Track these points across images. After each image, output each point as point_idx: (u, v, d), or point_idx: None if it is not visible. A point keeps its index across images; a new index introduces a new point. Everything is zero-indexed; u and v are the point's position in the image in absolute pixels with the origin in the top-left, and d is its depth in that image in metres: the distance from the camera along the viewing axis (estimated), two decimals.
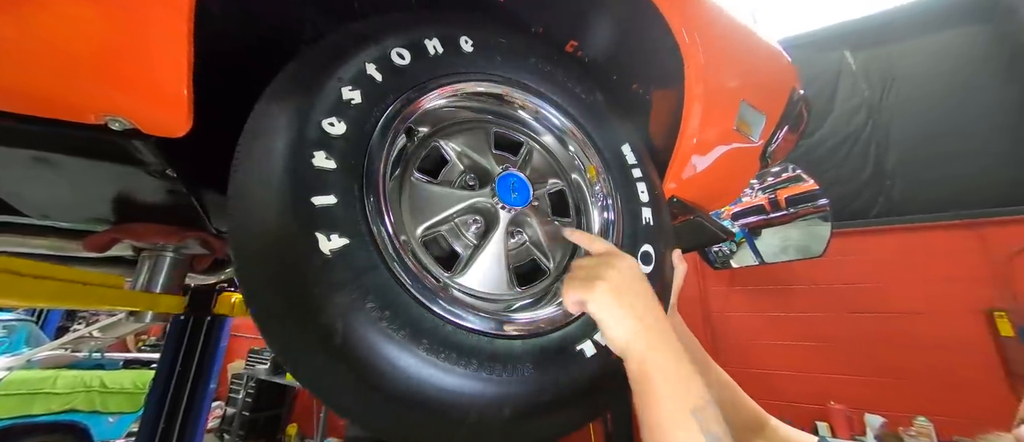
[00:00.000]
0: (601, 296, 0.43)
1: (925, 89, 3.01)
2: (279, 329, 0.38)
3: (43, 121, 0.43)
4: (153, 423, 2.09)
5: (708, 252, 3.15)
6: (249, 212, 0.39)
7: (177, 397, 2.17)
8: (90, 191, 0.59)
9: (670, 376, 0.42)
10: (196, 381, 2.24)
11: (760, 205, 3.05)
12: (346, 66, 0.46)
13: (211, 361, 2.32)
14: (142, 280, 0.67)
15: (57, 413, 3.08)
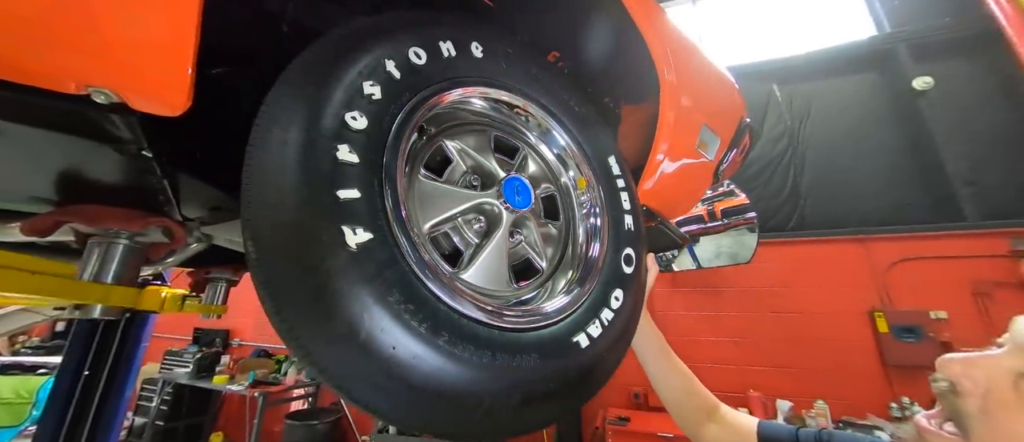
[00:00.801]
0: None
1: (833, 124, 3.54)
2: (301, 321, 0.37)
3: (6, 85, 0.38)
4: (51, 438, 1.79)
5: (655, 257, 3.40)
6: (270, 202, 0.38)
7: (83, 406, 1.87)
8: (36, 168, 0.52)
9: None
10: (108, 388, 1.95)
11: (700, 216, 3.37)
12: (366, 60, 0.46)
13: (128, 365, 2.03)
14: (91, 269, 0.59)
15: None
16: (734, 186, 3.16)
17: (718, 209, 3.27)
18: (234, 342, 4.93)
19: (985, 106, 3.16)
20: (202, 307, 1.41)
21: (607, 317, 0.57)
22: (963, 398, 0.42)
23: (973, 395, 0.41)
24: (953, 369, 0.43)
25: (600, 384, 0.57)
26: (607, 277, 0.61)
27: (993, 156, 3.04)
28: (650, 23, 0.81)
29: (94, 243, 0.61)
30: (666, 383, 0.86)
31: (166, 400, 4.21)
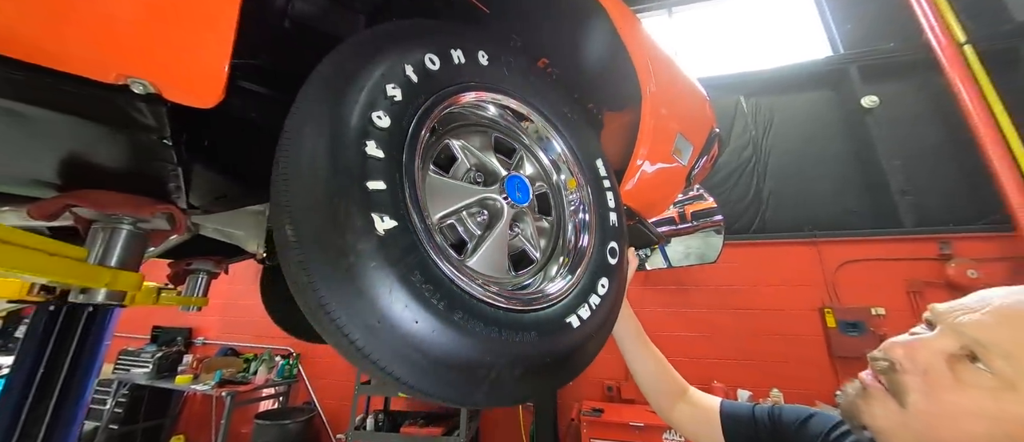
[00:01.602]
0: None
1: (792, 135, 3.82)
2: (335, 298, 0.42)
3: (43, 72, 0.40)
4: (3, 439, 1.66)
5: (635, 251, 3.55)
6: (307, 191, 0.42)
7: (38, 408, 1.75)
8: (50, 151, 0.53)
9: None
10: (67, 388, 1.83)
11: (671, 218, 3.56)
12: (389, 65, 0.51)
13: (90, 363, 1.91)
14: (96, 253, 0.60)
15: None
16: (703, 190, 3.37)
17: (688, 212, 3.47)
18: (197, 340, 4.70)
19: (921, 124, 3.52)
20: (182, 299, 1.38)
21: (595, 302, 0.64)
22: (903, 375, 0.46)
23: (913, 374, 0.45)
24: (896, 352, 0.47)
25: (587, 361, 0.64)
26: (594, 267, 0.68)
27: (926, 169, 3.39)
28: (634, 37, 0.89)
29: (98, 228, 0.62)
30: (641, 365, 0.94)
31: (121, 403, 3.96)
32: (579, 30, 0.89)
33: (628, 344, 0.95)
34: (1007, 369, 0.39)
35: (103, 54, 0.40)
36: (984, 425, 0.40)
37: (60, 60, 0.39)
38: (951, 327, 0.45)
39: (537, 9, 0.90)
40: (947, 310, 0.46)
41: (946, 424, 0.42)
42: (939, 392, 0.42)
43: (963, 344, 0.43)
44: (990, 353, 0.40)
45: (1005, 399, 0.39)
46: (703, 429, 0.84)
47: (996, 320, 0.42)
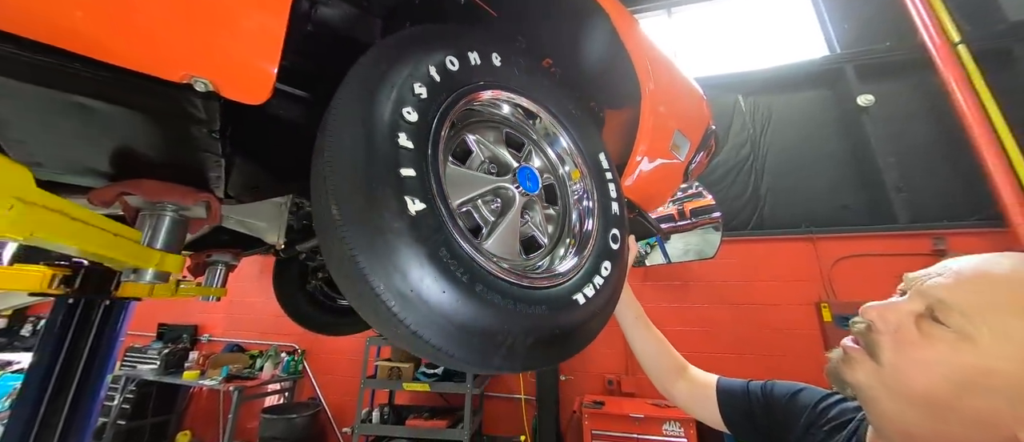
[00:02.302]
0: None
1: (789, 133, 3.88)
2: (375, 269, 0.47)
3: (117, 71, 0.46)
4: (24, 430, 1.72)
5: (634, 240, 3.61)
6: (349, 177, 0.48)
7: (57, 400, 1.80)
8: (110, 142, 0.59)
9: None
10: (84, 380, 1.88)
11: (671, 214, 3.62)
12: (413, 65, 0.57)
13: (106, 356, 1.97)
14: (146, 237, 0.66)
15: None
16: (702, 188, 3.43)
17: (687, 209, 3.53)
18: (203, 338, 4.76)
19: (916, 122, 3.58)
20: (202, 290, 1.44)
21: (598, 282, 0.70)
22: (877, 335, 0.50)
23: (886, 333, 0.50)
24: (871, 314, 0.52)
25: (591, 337, 0.70)
26: (598, 251, 0.74)
27: (920, 166, 3.45)
28: (634, 39, 0.95)
29: (145, 215, 0.68)
30: (643, 345, 0.99)
31: (129, 398, 4.03)
32: (580, 32, 0.94)
33: (630, 325, 1.01)
34: (964, 324, 0.44)
35: (174, 56, 0.46)
36: (945, 371, 0.44)
37: (137, 61, 0.45)
38: (918, 291, 0.50)
39: (541, 12, 0.95)
40: (916, 277, 0.52)
41: (914, 373, 0.46)
42: (907, 347, 0.47)
43: (928, 305, 0.47)
44: (950, 311, 0.45)
45: (962, 350, 0.43)
46: (701, 404, 0.90)
47: (955, 282, 0.47)
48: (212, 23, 0.45)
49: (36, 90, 0.48)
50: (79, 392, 1.88)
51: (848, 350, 0.54)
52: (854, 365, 0.52)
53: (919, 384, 0.46)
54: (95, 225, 0.52)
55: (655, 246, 3.54)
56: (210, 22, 0.45)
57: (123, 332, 2.11)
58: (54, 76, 0.46)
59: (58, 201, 0.47)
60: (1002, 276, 0.45)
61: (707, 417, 0.89)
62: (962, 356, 0.43)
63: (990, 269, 0.46)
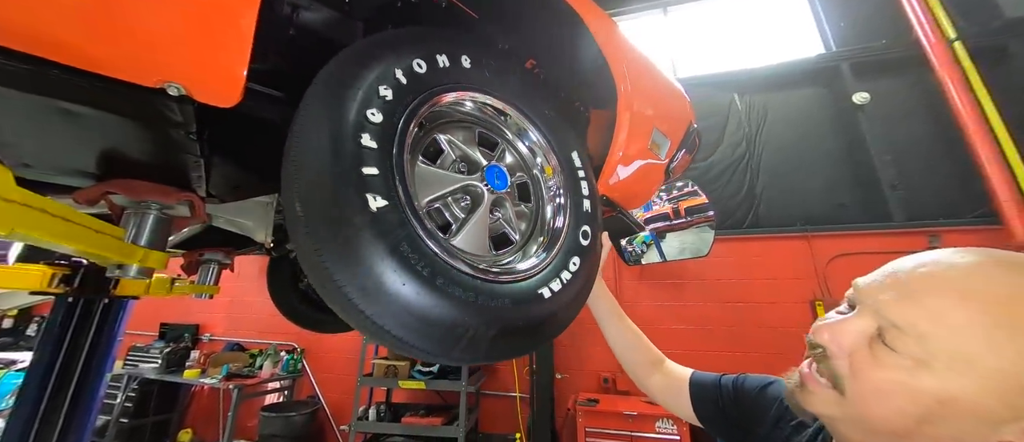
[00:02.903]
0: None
1: (785, 131, 3.89)
2: (337, 263, 0.50)
3: (97, 78, 0.49)
4: (24, 428, 1.75)
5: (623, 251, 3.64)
6: (314, 175, 0.51)
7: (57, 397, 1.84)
8: (93, 145, 0.62)
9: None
10: (83, 377, 1.92)
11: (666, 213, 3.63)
12: (381, 68, 0.59)
13: (104, 354, 2.00)
14: (130, 234, 0.69)
15: None
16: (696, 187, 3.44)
17: (682, 207, 3.55)
18: (204, 337, 4.81)
19: (910, 120, 3.57)
20: (195, 288, 1.47)
21: (566, 277, 0.72)
22: (834, 361, 0.46)
23: (841, 357, 0.45)
24: (823, 336, 0.47)
25: (559, 329, 0.72)
26: (568, 247, 0.76)
27: (916, 164, 3.45)
28: (608, 40, 0.97)
29: (130, 213, 0.71)
30: (617, 338, 1.00)
31: (131, 397, 4.08)
32: (556, 33, 0.96)
33: (605, 320, 1.02)
34: (918, 349, 0.39)
35: (147, 63, 0.49)
36: (905, 401, 0.40)
37: (114, 68, 0.48)
38: (868, 307, 0.45)
39: (518, 14, 0.98)
40: (865, 286, 0.47)
41: (873, 403, 0.42)
42: (864, 374, 0.43)
43: (880, 325, 0.43)
44: (902, 335, 0.41)
45: (919, 376, 0.39)
46: (674, 398, 0.90)
47: (904, 297, 0.42)
48: (183, 31, 0.48)
49: (20, 96, 0.51)
50: (79, 389, 1.92)
51: (806, 381, 0.49)
52: (811, 396, 0.48)
53: (877, 415, 0.42)
54: (77, 222, 0.54)
55: (651, 245, 3.56)
56: (181, 30, 0.48)
57: (122, 330, 2.14)
58: (37, 83, 0.49)
59: (38, 199, 0.50)
60: (955, 287, 0.40)
61: (681, 411, 0.89)
62: (919, 383, 0.39)
63: (941, 279, 0.41)
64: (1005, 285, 0.39)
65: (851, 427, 0.46)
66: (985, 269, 0.40)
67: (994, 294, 0.38)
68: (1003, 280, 0.39)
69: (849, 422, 0.45)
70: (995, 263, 0.41)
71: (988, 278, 0.40)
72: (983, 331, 0.37)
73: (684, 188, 3.43)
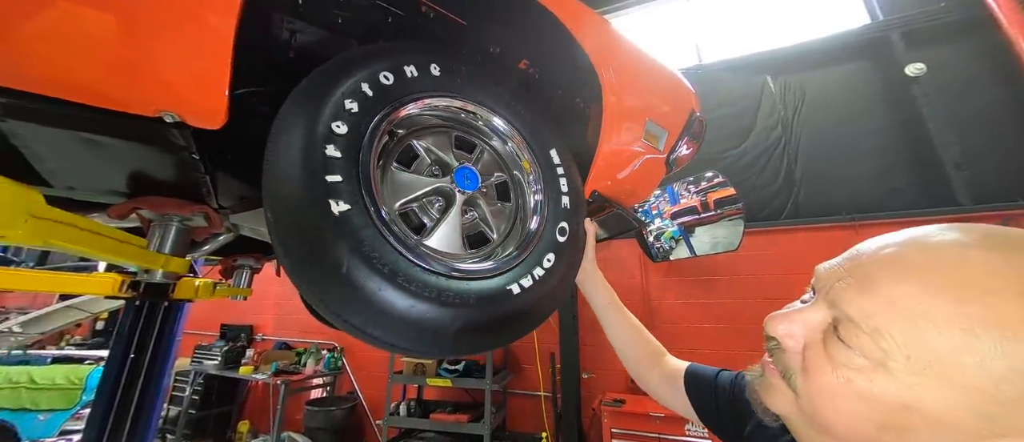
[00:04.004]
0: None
1: (825, 113, 3.59)
2: (303, 265, 0.56)
3: (109, 112, 0.57)
4: (102, 418, 2.02)
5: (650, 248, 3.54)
6: (282, 185, 0.57)
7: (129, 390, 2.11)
8: (119, 168, 0.72)
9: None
10: (150, 372, 2.18)
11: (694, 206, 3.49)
12: (347, 84, 0.64)
13: (166, 351, 2.27)
14: (154, 244, 0.80)
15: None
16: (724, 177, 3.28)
17: (711, 200, 3.40)
18: (257, 336, 5.26)
19: (976, 91, 3.16)
20: (231, 290, 1.64)
21: (538, 274, 0.74)
22: (786, 354, 0.41)
23: (795, 352, 0.40)
24: (777, 328, 0.42)
25: (532, 324, 0.74)
26: (542, 243, 0.78)
27: (984, 140, 3.05)
28: (588, 34, 0.96)
29: (155, 225, 0.82)
30: (616, 331, 0.96)
31: (197, 390, 4.55)
32: (533, 33, 0.97)
33: (602, 311, 0.98)
34: (872, 347, 0.34)
35: (144, 97, 0.57)
36: (860, 406, 0.35)
37: (120, 103, 0.57)
38: (824, 296, 0.40)
39: (498, 17, 0.99)
40: (825, 272, 0.42)
41: (827, 407, 0.37)
42: (816, 373, 0.38)
43: (835, 316, 0.38)
44: (857, 329, 0.35)
45: (876, 378, 0.34)
46: (671, 393, 0.86)
47: (860, 284, 0.36)
48: (170, 68, 0.56)
49: (54, 131, 0.61)
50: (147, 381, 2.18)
51: (766, 369, 0.45)
52: (772, 391, 0.43)
53: (833, 419, 0.37)
54: (103, 234, 0.64)
55: (680, 240, 3.43)
56: (168, 67, 0.56)
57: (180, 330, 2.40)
58: (64, 120, 0.59)
59: (67, 215, 0.60)
60: (919, 273, 0.33)
61: (679, 406, 0.85)
62: (875, 386, 0.34)
63: (904, 263, 0.35)
64: (985, 272, 0.31)
65: (809, 430, 0.41)
66: (963, 251, 0.33)
67: (968, 282, 0.31)
68: (985, 265, 0.32)
69: (806, 425, 0.41)
70: (983, 245, 0.33)
71: (964, 263, 0.32)
72: (952, 328, 0.31)
73: (713, 179, 3.27)
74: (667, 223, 3.44)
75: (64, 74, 0.54)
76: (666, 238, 3.32)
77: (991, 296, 0.30)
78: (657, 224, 3.38)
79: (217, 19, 0.55)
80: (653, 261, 3.76)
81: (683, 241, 3.32)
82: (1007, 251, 0.32)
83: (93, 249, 0.61)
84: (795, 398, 0.40)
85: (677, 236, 3.29)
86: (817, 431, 0.40)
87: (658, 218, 3.44)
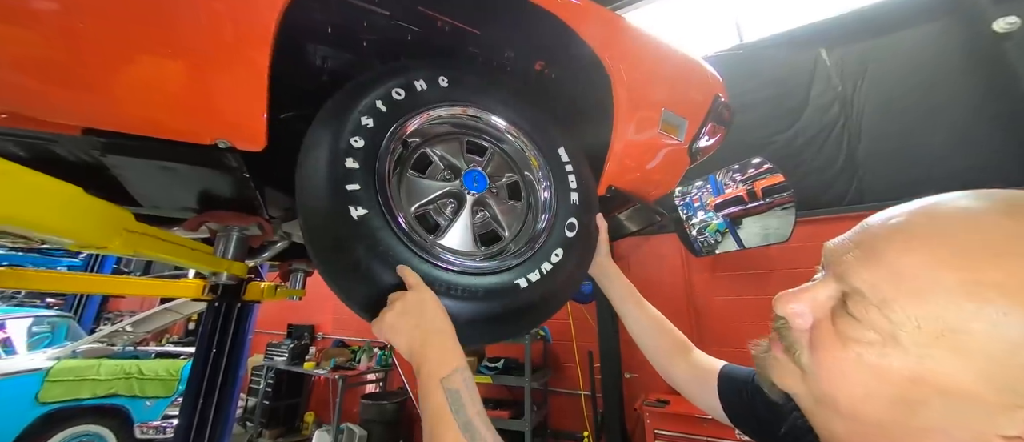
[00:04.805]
0: (383, 327, 0.59)
1: (893, 84, 3.20)
2: (330, 262, 0.64)
3: (177, 143, 0.70)
4: (193, 404, 2.35)
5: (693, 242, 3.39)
6: (310, 195, 0.66)
7: (212, 379, 2.44)
8: (189, 188, 0.87)
9: (429, 359, 0.56)
10: (228, 364, 2.51)
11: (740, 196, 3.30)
12: (364, 102, 0.72)
13: (241, 345, 2.60)
14: (219, 251, 0.94)
15: (101, 397, 3.41)
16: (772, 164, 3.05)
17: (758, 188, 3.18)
18: (318, 335, 5.74)
19: None
20: (288, 291, 1.84)
21: (546, 268, 0.77)
22: (793, 332, 0.40)
23: (803, 330, 0.39)
24: (786, 307, 0.41)
25: (542, 316, 0.77)
26: (550, 239, 0.81)
27: None
28: (588, 26, 0.95)
29: (219, 235, 0.96)
30: (635, 324, 0.94)
31: (270, 384, 5.08)
32: (533, 31, 0.98)
33: (620, 303, 0.97)
34: (881, 319, 0.33)
35: (202, 128, 0.69)
36: (872, 383, 0.34)
37: (185, 135, 0.69)
38: (832, 271, 0.38)
39: (501, 21, 1.02)
40: (833, 247, 0.40)
41: (836, 384, 0.36)
42: (824, 349, 0.37)
43: (843, 291, 0.36)
44: (865, 302, 0.34)
45: (888, 353, 0.32)
46: (701, 390, 0.83)
47: (866, 256, 0.35)
48: (218, 103, 0.67)
49: (140, 162, 0.75)
50: (226, 372, 2.52)
51: (774, 347, 0.43)
52: (778, 366, 0.42)
53: (842, 399, 0.36)
54: (179, 243, 0.78)
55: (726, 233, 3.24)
56: (216, 102, 0.67)
57: (251, 328, 2.74)
58: (146, 151, 0.73)
59: (152, 229, 0.73)
60: (928, 240, 0.32)
61: (708, 405, 0.81)
62: (885, 360, 0.32)
63: (913, 230, 0.33)
64: (998, 237, 0.30)
65: (817, 408, 0.40)
66: (974, 216, 0.31)
67: (978, 247, 0.30)
68: (997, 230, 0.30)
69: (814, 403, 0.40)
70: (997, 209, 0.31)
71: (975, 228, 0.31)
72: (961, 294, 0.29)
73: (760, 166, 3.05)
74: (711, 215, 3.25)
75: (147, 115, 0.67)
76: (710, 231, 3.15)
77: (1002, 258, 0.29)
78: (700, 217, 3.21)
79: (253, 55, 0.65)
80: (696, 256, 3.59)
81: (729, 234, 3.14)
82: (1021, 214, 0.30)
83: (172, 256, 0.75)
84: (802, 375, 0.39)
85: (723, 229, 3.11)
86: (826, 409, 0.38)
87: (701, 210, 3.26)
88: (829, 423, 0.39)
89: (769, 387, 0.45)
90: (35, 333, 3.66)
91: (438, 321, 0.60)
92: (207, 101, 0.66)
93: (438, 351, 0.57)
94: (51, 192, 0.60)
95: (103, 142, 0.68)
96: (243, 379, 2.99)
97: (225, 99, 0.67)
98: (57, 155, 0.74)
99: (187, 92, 0.65)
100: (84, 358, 3.60)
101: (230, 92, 0.66)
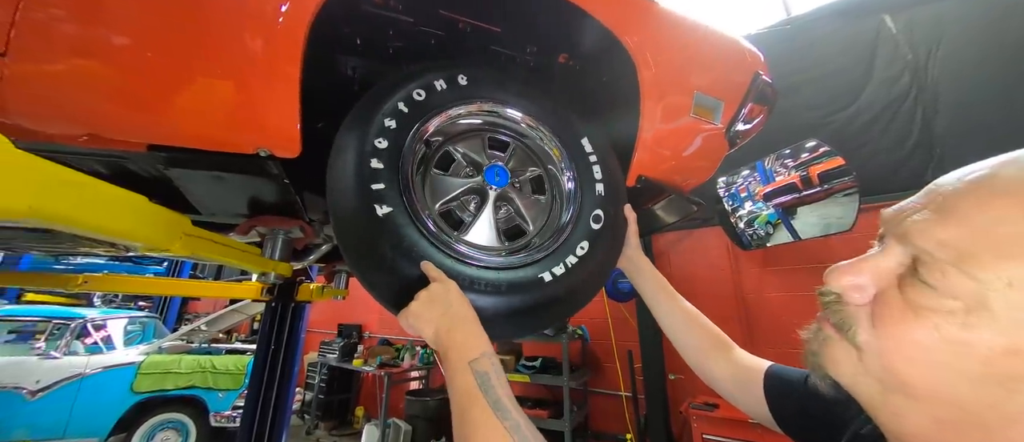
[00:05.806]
0: (409, 317, 0.61)
1: (974, 48, 2.79)
2: (359, 259, 0.67)
3: (225, 153, 0.76)
4: (254, 399, 2.57)
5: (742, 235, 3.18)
6: (340, 196, 0.69)
7: (272, 373, 2.66)
8: (238, 195, 0.95)
9: (456, 344, 0.56)
10: (285, 359, 2.73)
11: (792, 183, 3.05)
12: (387, 105, 0.75)
13: (295, 342, 2.81)
14: (268, 252, 1.03)
15: (183, 389, 3.84)
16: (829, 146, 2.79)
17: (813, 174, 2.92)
18: (366, 334, 6.06)
19: None
20: (333, 291, 1.96)
21: (571, 262, 0.75)
22: (849, 307, 0.36)
23: (862, 305, 0.36)
24: (842, 280, 0.37)
25: (569, 309, 0.76)
26: (576, 232, 0.79)
27: None
28: (608, 10, 0.91)
29: (267, 238, 1.05)
30: (668, 319, 0.89)
31: (324, 379, 5.43)
32: (551, 21, 0.96)
33: (652, 298, 0.92)
34: (966, 283, 0.28)
35: (246, 139, 0.75)
36: (953, 359, 0.29)
37: (232, 146, 0.75)
38: (896, 235, 0.34)
39: (525, 15, 1.02)
40: (895, 212, 0.36)
41: (907, 362, 0.32)
42: (892, 323, 0.32)
43: (913, 256, 0.32)
44: (943, 265, 0.30)
45: (974, 321, 0.28)
46: (744, 391, 0.77)
47: (943, 216, 0.30)
48: (257, 114, 0.72)
49: (195, 173, 0.83)
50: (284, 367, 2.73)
51: (825, 326, 0.39)
52: (832, 345, 0.37)
53: (914, 379, 0.32)
54: (231, 246, 0.86)
55: (778, 224, 3.00)
56: (256, 114, 0.72)
57: (304, 327, 2.94)
58: (201, 163, 0.80)
59: (207, 233, 0.81)
60: (1018, 184, 0.28)
61: (752, 408, 0.75)
62: (974, 334, 0.28)
63: (994, 181, 0.29)
64: None
65: (879, 392, 0.34)
66: None
67: None
68: None
69: (874, 388, 0.34)
70: None
71: None
72: None
73: (815, 149, 2.79)
74: (760, 206, 3.03)
75: (198, 130, 0.73)
76: (760, 223, 2.94)
77: None
78: (748, 208, 3.00)
79: (285, 68, 0.70)
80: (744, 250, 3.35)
81: (782, 224, 2.90)
82: None
83: (226, 258, 0.83)
84: (859, 356, 0.35)
85: (774, 220, 2.89)
86: (896, 395, 0.33)
87: (749, 201, 3.05)
88: (900, 416, 0.34)
89: (822, 377, 0.39)
90: (129, 331, 4.19)
91: (463, 309, 0.61)
92: (247, 114, 0.72)
93: (465, 335, 0.58)
94: (122, 201, 0.69)
95: (164, 157, 0.76)
96: (299, 373, 3.24)
97: (262, 111, 0.72)
98: (131, 170, 0.84)
99: (230, 107, 0.71)
100: (168, 354, 4.08)
101: (267, 104, 0.72)
